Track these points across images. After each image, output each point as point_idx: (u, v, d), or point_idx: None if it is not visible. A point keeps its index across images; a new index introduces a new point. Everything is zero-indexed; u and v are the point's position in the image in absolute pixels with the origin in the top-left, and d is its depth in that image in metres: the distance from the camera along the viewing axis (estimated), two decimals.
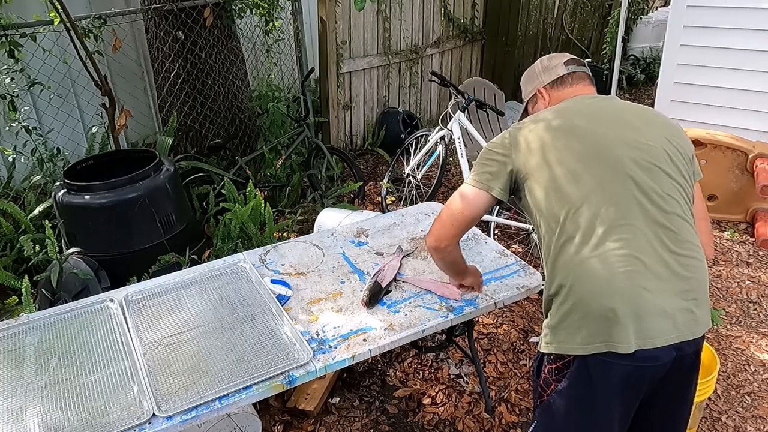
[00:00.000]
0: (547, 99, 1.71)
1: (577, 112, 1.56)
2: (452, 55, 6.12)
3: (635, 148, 1.46)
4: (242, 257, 2.25)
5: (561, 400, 1.46)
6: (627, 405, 1.43)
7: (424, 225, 2.51)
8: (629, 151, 1.45)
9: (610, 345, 1.34)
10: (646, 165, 1.44)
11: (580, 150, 1.47)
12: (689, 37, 4.23)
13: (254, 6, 4.16)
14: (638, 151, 1.45)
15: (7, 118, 3.40)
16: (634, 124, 1.51)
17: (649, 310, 1.34)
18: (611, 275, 1.36)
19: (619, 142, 1.46)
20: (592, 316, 1.37)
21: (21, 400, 1.60)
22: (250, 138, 4.40)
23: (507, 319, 3.07)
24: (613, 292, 1.35)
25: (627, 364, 1.35)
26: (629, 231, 1.38)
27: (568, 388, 1.43)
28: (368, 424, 2.45)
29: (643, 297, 1.34)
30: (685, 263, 1.40)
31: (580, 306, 1.39)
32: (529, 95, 1.78)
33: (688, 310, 1.37)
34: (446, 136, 3.79)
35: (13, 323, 1.92)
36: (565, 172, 1.45)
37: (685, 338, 1.37)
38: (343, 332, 1.83)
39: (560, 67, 1.70)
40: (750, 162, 3.75)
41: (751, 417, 2.46)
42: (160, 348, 1.77)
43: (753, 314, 3.10)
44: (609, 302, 1.35)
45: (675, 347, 1.36)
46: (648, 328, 1.34)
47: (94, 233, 2.88)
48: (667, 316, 1.35)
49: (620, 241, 1.37)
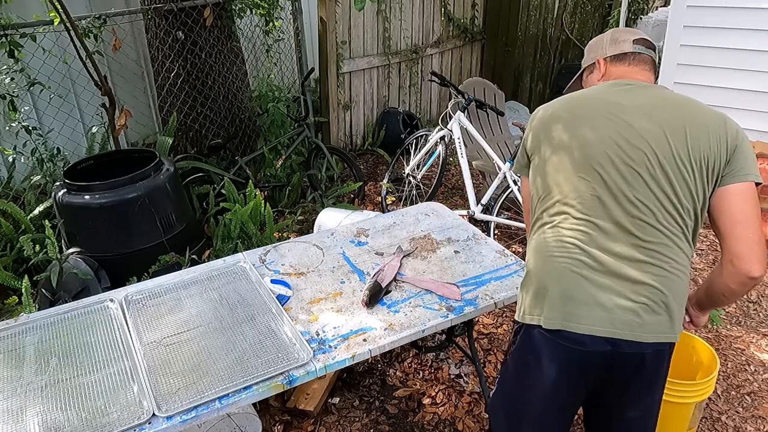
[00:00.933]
0: (602, 71, 1.67)
1: (588, 103, 1.55)
2: (452, 55, 6.12)
3: (619, 147, 1.43)
4: (242, 257, 2.25)
5: (512, 360, 1.61)
6: (559, 386, 1.50)
7: (424, 225, 2.51)
8: (611, 149, 1.43)
9: (536, 318, 1.47)
10: (624, 167, 1.42)
11: (573, 142, 1.51)
12: (689, 37, 4.23)
13: (254, 6, 4.16)
14: (620, 151, 1.43)
15: (7, 118, 3.40)
16: (636, 122, 1.45)
17: (581, 297, 1.42)
18: (553, 258, 1.47)
19: (606, 139, 1.45)
20: (533, 291, 1.50)
21: (21, 400, 1.60)
22: (250, 138, 4.40)
23: (507, 319, 3.07)
24: (549, 272, 1.47)
25: (555, 340, 1.45)
26: (587, 226, 1.45)
27: (515, 350, 1.58)
28: (368, 424, 2.45)
29: (578, 283, 1.42)
30: (644, 269, 1.40)
31: (527, 281, 1.55)
32: (588, 62, 1.74)
33: (632, 311, 1.39)
34: (446, 136, 3.79)
35: (13, 323, 1.92)
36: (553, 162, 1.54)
37: (622, 336, 1.39)
38: (343, 332, 1.83)
39: (627, 43, 1.65)
40: None
41: (751, 417, 2.46)
42: (160, 348, 1.77)
43: (753, 314, 3.10)
44: (544, 280, 1.48)
45: (609, 341, 1.40)
46: (574, 313, 1.42)
47: (94, 233, 2.88)
48: (601, 308, 1.40)
49: (575, 231, 1.46)
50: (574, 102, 1.59)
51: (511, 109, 5.89)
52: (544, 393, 1.52)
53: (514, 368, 1.60)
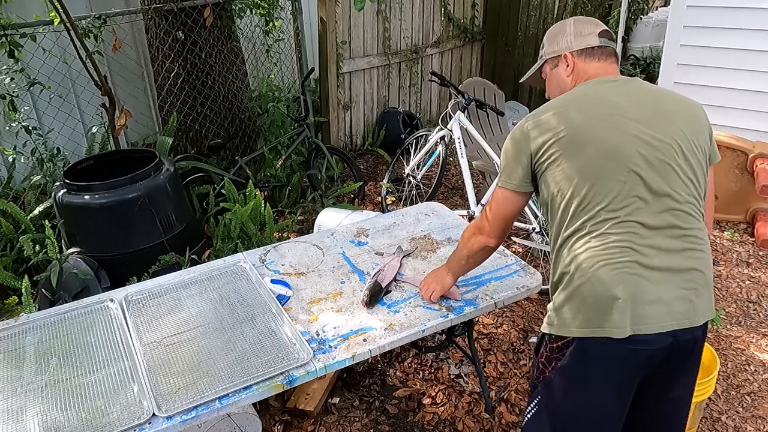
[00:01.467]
0: (571, 67, 1.65)
1: (593, 102, 1.54)
2: (452, 55, 6.12)
3: (647, 144, 1.47)
4: (242, 257, 2.25)
5: (560, 377, 1.53)
6: (624, 386, 1.50)
7: (424, 225, 2.51)
8: (641, 148, 1.46)
9: (605, 330, 1.41)
10: (656, 162, 1.46)
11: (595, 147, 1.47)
12: (689, 37, 4.23)
13: (254, 6, 4.16)
14: (650, 148, 1.46)
15: (7, 118, 3.40)
16: (649, 117, 1.50)
17: (644, 298, 1.41)
18: (609, 266, 1.42)
19: (632, 138, 1.47)
20: (590, 302, 1.44)
21: (21, 400, 1.60)
22: (250, 138, 4.40)
23: (507, 319, 3.07)
24: (608, 282, 1.42)
25: (622, 347, 1.41)
26: (632, 226, 1.43)
27: (567, 366, 1.50)
28: (368, 424, 2.45)
29: (639, 285, 1.41)
30: (688, 255, 1.45)
31: (576, 294, 1.46)
32: (551, 54, 1.69)
33: (687, 300, 1.44)
34: (446, 136, 3.79)
35: (13, 323, 1.92)
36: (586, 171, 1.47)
37: (682, 326, 1.43)
38: (343, 332, 1.83)
39: (593, 37, 1.64)
40: (750, 162, 3.75)
41: (751, 417, 2.46)
42: (160, 348, 1.77)
43: (753, 314, 3.10)
44: (605, 290, 1.42)
45: (671, 334, 1.42)
46: (643, 315, 1.40)
47: (94, 233, 2.88)
48: (662, 304, 1.41)
49: (623, 235, 1.43)
50: (578, 105, 1.54)
51: (511, 109, 5.89)
52: (608, 400, 1.50)
53: (566, 384, 1.53)
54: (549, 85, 1.74)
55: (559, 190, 1.50)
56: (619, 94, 1.54)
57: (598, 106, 1.52)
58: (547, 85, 1.75)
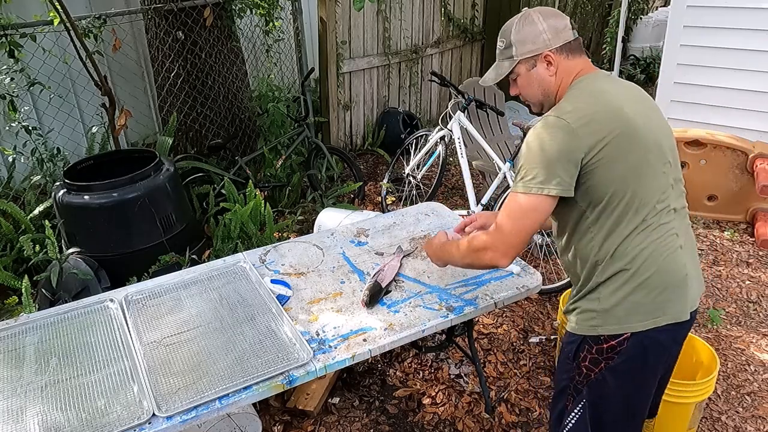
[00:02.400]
0: (554, 67, 1.54)
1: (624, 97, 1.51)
2: (452, 55, 6.12)
3: (667, 136, 1.56)
4: (242, 257, 2.25)
5: (613, 375, 1.51)
6: (665, 366, 1.62)
7: (424, 225, 2.51)
8: (663, 139, 1.54)
9: (667, 317, 1.48)
10: (671, 151, 1.56)
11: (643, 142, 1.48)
12: (689, 37, 4.23)
13: (254, 6, 4.16)
14: (665, 138, 1.55)
15: (7, 118, 3.40)
16: (647, 109, 1.55)
17: (691, 277, 1.53)
18: (671, 252, 1.49)
19: (658, 130, 1.53)
20: (658, 292, 1.47)
21: (21, 400, 1.60)
22: (250, 138, 4.40)
23: (507, 319, 3.07)
24: (677, 266, 1.49)
25: (677, 329, 1.51)
26: (672, 214, 1.51)
27: (622, 363, 1.49)
28: (368, 424, 2.45)
29: (686, 268, 1.52)
30: (692, 235, 1.62)
31: (646, 284, 1.46)
32: (528, 54, 1.56)
33: (699, 278, 1.61)
34: (446, 136, 3.79)
35: (13, 323, 1.91)
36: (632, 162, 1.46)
37: (698, 302, 1.59)
38: (343, 332, 1.83)
39: (567, 30, 1.53)
40: (750, 162, 3.75)
41: (751, 417, 2.46)
42: (160, 348, 1.77)
43: (753, 314, 3.10)
44: (676, 274, 1.49)
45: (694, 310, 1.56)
46: (693, 296, 1.54)
47: (94, 233, 2.88)
48: (695, 280, 1.56)
49: (670, 223, 1.50)
50: (619, 100, 1.49)
51: (511, 109, 5.88)
52: (654, 383, 1.60)
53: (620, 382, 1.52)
54: (527, 86, 1.62)
55: (617, 189, 1.43)
56: (620, 89, 1.56)
57: (627, 101, 1.50)
58: (524, 86, 1.63)
